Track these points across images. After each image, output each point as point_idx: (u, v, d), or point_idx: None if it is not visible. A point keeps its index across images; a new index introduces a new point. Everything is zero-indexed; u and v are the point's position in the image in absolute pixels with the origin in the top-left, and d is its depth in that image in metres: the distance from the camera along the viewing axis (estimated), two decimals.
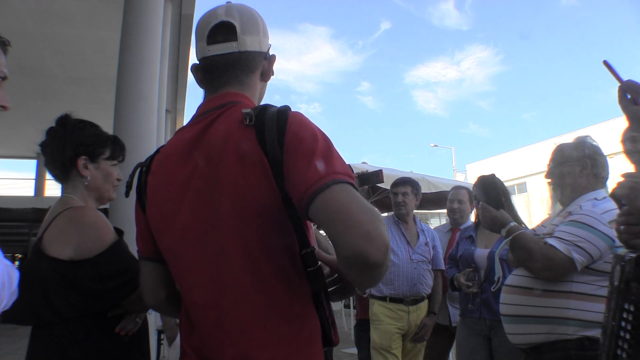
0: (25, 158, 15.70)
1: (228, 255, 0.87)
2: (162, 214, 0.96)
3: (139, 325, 1.40)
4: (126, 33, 4.02)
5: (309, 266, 0.87)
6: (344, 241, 0.70)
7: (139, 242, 1.05)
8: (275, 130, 0.83)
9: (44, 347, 1.30)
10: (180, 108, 10.58)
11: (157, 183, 0.97)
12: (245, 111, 0.87)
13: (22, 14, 6.09)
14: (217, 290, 0.88)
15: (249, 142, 0.85)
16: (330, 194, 0.74)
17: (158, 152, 1.02)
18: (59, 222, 1.34)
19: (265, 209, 0.84)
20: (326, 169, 0.77)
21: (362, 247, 0.68)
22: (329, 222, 0.73)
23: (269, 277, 0.86)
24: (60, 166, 1.43)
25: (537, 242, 1.70)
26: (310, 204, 0.75)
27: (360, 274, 0.76)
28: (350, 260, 0.71)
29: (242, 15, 0.98)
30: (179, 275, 0.96)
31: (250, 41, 0.97)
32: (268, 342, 0.85)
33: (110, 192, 1.51)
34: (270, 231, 0.86)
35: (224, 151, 0.87)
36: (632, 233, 1.24)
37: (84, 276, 1.28)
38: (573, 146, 1.85)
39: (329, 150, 0.81)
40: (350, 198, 0.74)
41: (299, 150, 0.81)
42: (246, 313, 0.86)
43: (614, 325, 1.10)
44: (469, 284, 2.45)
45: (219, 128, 0.90)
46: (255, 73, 1.01)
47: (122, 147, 1.55)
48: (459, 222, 3.22)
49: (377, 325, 2.92)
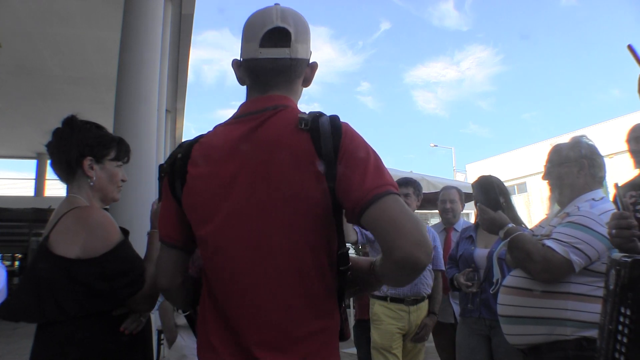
0: (25, 158, 15.70)
1: (274, 249, 0.92)
2: (205, 203, 0.97)
3: (142, 324, 1.42)
4: (126, 33, 4.03)
5: (342, 265, 0.95)
6: (397, 246, 0.80)
7: (164, 228, 1.06)
8: (331, 139, 0.90)
9: (48, 345, 1.31)
10: (180, 108, 10.58)
11: (201, 173, 0.98)
12: (301, 116, 0.93)
13: (22, 14, 6.09)
14: (257, 281, 0.92)
15: (305, 146, 0.91)
16: (383, 204, 0.84)
17: (196, 142, 1.03)
18: (65, 221, 1.35)
19: (316, 208, 0.91)
20: (379, 181, 0.86)
21: (413, 252, 0.79)
22: (382, 228, 0.83)
23: (309, 273, 0.92)
24: (65, 167, 1.45)
25: (535, 243, 1.70)
26: (365, 211, 0.84)
27: (406, 275, 0.87)
28: (401, 264, 0.81)
29: (297, 22, 1.01)
30: (218, 264, 0.97)
31: (302, 49, 1.01)
32: (301, 336, 0.91)
33: (115, 192, 1.52)
34: (318, 230, 0.92)
35: (279, 151, 0.91)
36: (624, 237, 1.24)
37: (90, 275, 1.29)
38: (570, 146, 1.85)
39: (380, 163, 0.91)
40: (401, 208, 0.84)
41: (353, 162, 0.89)
42: (284, 307, 0.91)
43: (611, 328, 1.10)
44: (469, 284, 2.45)
45: (273, 128, 0.95)
46: (300, 79, 1.06)
47: (127, 149, 1.56)
48: (452, 221, 3.32)
49: (377, 325, 2.92)
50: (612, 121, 20.57)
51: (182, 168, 1.00)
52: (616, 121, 19.92)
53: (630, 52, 1.13)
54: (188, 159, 1.00)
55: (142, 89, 3.89)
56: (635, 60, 1.12)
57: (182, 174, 1.00)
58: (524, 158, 24.93)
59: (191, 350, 2.38)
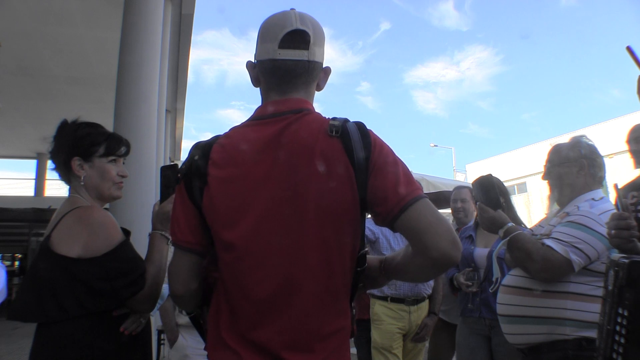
0: (25, 158, 15.70)
1: (305, 252, 0.93)
2: (231, 206, 0.96)
3: (142, 325, 1.42)
4: (126, 33, 4.03)
5: (360, 266, 1.01)
6: (436, 247, 0.87)
7: (180, 233, 1.02)
8: (362, 147, 0.95)
9: (48, 345, 1.31)
10: (180, 108, 10.58)
11: (227, 175, 0.97)
12: (332, 123, 0.97)
13: (22, 14, 6.09)
14: (287, 285, 0.94)
15: (336, 152, 0.94)
16: (418, 207, 0.90)
17: (215, 142, 1.01)
18: (67, 220, 1.35)
19: (346, 212, 0.94)
20: (411, 187, 0.92)
21: (450, 251, 0.87)
22: (419, 230, 0.89)
23: (336, 275, 0.96)
24: (62, 169, 1.47)
25: (535, 243, 1.70)
26: (400, 215, 0.90)
27: (438, 272, 0.99)
28: (439, 261, 0.88)
29: (315, 26, 1.03)
30: (246, 268, 0.96)
31: (318, 52, 1.04)
32: (325, 335, 0.95)
33: (112, 189, 1.49)
34: (346, 233, 0.95)
35: (310, 155, 0.94)
36: (623, 237, 1.25)
37: (91, 274, 1.29)
38: (569, 146, 1.85)
39: (407, 170, 0.97)
40: (433, 211, 0.90)
41: (385, 170, 0.94)
42: (312, 307, 0.94)
43: (609, 329, 1.11)
44: (469, 284, 2.45)
45: (302, 133, 0.97)
46: (315, 82, 1.08)
47: (119, 141, 1.51)
48: (464, 221, 3.24)
49: (378, 325, 2.92)
50: (612, 121, 20.57)
51: (202, 170, 0.98)
52: (616, 121, 19.92)
53: (629, 54, 1.13)
54: (208, 160, 0.98)
55: (142, 89, 3.89)
56: (635, 61, 1.12)
57: (202, 176, 0.97)
58: (524, 158, 24.93)
59: (193, 350, 2.37)
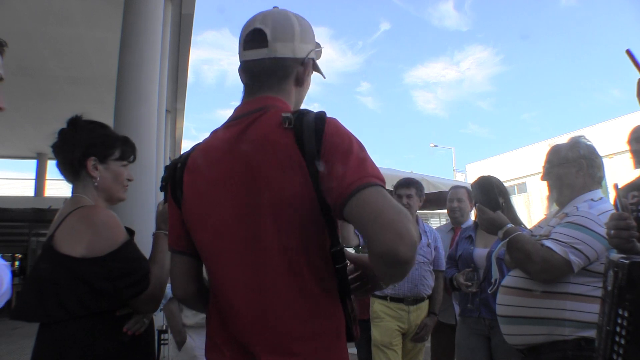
0: (25, 158, 15.71)
1: (266, 252, 0.91)
2: (199, 210, 0.99)
3: (146, 325, 1.41)
4: (126, 33, 4.03)
5: (338, 263, 0.93)
6: (377, 239, 0.76)
7: (172, 236, 1.08)
8: (314, 135, 0.88)
9: (50, 344, 1.30)
10: (180, 108, 10.59)
11: (194, 180, 1.00)
12: (285, 115, 0.92)
13: (22, 14, 6.09)
14: (254, 287, 0.92)
15: (288, 144, 0.89)
16: (364, 195, 0.80)
17: (193, 149, 1.05)
18: (70, 220, 1.35)
19: (302, 207, 0.89)
20: (361, 173, 0.83)
21: (394, 245, 0.74)
22: (363, 221, 0.80)
23: (304, 274, 0.91)
24: (70, 167, 1.45)
25: (534, 244, 1.70)
26: (346, 204, 0.81)
27: (390, 269, 0.81)
28: (383, 257, 0.77)
29: (276, 22, 1.01)
30: (215, 271, 0.98)
31: (282, 48, 1.01)
32: (303, 336, 0.90)
33: (120, 192, 1.52)
34: (306, 228, 0.91)
35: (264, 152, 0.91)
36: (622, 238, 1.24)
37: (94, 274, 1.29)
38: (568, 147, 1.85)
39: (365, 154, 0.88)
40: (383, 199, 0.80)
41: (335, 154, 0.86)
42: (282, 309, 0.91)
43: (608, 329, 1.10)
44: (468, 284, 2.45)
45: (258, 130, 0.94)
46: (289, 79, 1.05)
47: (133, 148, 1.56)
48: (460, 220, 3.27)
49: (377, 322, 2.94)
50: (612, 121, 20.58)
51: (180, 176, 1.03)
52: (616, 121, 19.93)
53: (629, 57, 1.12)
54: (185, 166, 1.03)
55: (142, 89, 3.90)
56: (634, 65, 1.12)
57: (180, 183, 1.02)
58: (523, 158, 24.94)
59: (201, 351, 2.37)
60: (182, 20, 6.97)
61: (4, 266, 0.94)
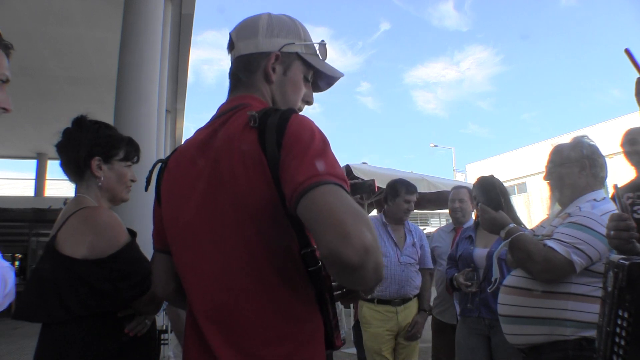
0: (25, 158, 15.72)
1: (229, 255, 0.89)
2: (171, 209, 1.00)
3: (147, 326, 1.41)
4: (126, 33, 4.04)
5: (310, 266, 0.87)
6: (319, 240, 0.70)
7: (154, 235, 1.09)
8: (275, 131, 0.84)
9: (52, 344, 1.31)
10: (180, 108, 10.59)
11: (170, 180, 1.02)
12: (250, 113, 0.89)
13: (22, 14, 6.10)
14: (218, 289, 0.90)
15: (251, 143, 0.86)
16: (316, 193, 0.74)
17: (176, 150, 1.07)
18: (73, 221, 1.35)
19: (265, 209, 0.85)
20: (317, 170, 0.77)
21: (336, 247, 0.66)
22: (312, 220, 0.73)
23: (269, 276, 0.87)
24: (74, 167, 1.46)
25: (537, 244, 1.70)
26: (298, 202, 0.75)
27: (338, 275, 0.74)
28: (326, 260, 0.71)
29: (242, 23, 1.06)
30: (182, 272, 0.99)
31: (244, 45, 1.04)
32: (269, 339, 0.86)
33: (124, 193, 1.54)
34: (270, 231, 0.87)
35: (229, 152, 0.89)
36: (622, 239, 1.24)
37: (96, 275, 1.29)
38: (571, 147, 1.84)
39: (324, 151, 0.81)
40: (336, 199, 0.73)
41: (294, 149, 0.81)
42: (247, 312, 0.87)
43: (608, 330, 1.10)
44: (468, 284, 2.45)
45: (228, 129, 0.94)
46: (255, 74, 1.04)
47: (137, 149, 1.57)
48: (462, 220, 3.28)
49: (366, 327, 2.98)
50: (612, 121, 20.60)
51: (160, 176, 1.06)
52: (616, 121, 19.94)
53: (627, 57, 1.12)
54: (165, 167, 1.05)
55: (142, 89, 3.90)
56: (633, 64, 1.12)
57: (160, 183, 1.05)
58: (524, 158, 24.95)
59: None
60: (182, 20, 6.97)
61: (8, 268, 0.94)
